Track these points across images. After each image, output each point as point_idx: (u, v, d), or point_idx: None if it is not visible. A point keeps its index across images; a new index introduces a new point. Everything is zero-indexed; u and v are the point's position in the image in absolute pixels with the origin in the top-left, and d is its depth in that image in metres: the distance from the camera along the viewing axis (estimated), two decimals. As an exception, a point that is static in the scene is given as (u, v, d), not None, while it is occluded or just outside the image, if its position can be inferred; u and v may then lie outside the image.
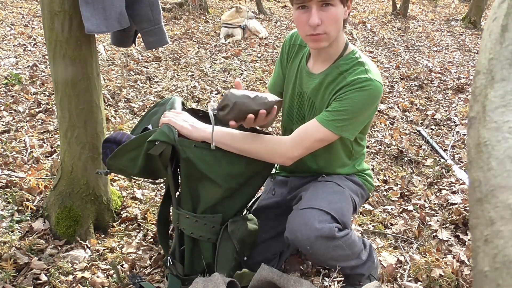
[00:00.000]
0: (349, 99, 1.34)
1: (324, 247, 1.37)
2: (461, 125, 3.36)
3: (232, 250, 1.49)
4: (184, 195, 1.45)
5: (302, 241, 1.37)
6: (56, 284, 1.53)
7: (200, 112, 1.64)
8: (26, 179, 2.06)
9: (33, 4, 6.66)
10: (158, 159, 1.38)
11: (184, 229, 1.49)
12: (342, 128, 1.37)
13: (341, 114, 1.35)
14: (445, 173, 2.60)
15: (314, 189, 1.50)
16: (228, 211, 1.49)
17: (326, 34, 1.33)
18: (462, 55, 5.73)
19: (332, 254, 1.42)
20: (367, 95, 1.34)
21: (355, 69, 1.38)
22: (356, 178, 1.61)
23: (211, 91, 3.83)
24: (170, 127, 1.37)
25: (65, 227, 1.74)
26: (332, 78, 1.42)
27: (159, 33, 1.66)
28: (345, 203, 1.48)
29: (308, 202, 1.42)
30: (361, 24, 7.20)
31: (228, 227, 1.48)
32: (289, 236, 1.42)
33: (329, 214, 1.38)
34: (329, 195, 1.46)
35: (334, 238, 1.36)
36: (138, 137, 1.40)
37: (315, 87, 1.47)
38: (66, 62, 1.57)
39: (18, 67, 3.88)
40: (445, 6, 9.73)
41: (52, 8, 1.50)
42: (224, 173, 1.41)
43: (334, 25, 1.33)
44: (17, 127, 2.74)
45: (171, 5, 7.21)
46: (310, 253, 1.40)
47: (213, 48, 5.28)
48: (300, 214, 1.40)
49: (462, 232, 2.04)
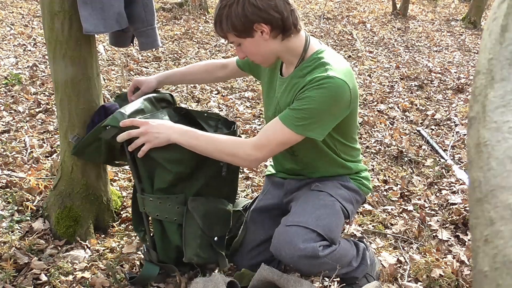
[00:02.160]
0: (308, 97, 1.31)
1: (308, 265, 1.39)
2: (461, 125, 3.36)
3: (196, 228, 1.51)
4: (144, 179, 1.50)
5: (285, 259, 1.40)
6: (56, 284, 1.53)
7: (183, 110, 1.71)
8: (26, 179, 2.06)
9: (33, 4, 6.65)
10: (117, 146, 1.47)
11: (149, 213, 1.52)
12: (304, 127, 1.32)
13: (300, 113, 1.32)
14: (445, 173, 2.60)
15: (304, 201, 1.50)
16: (188, 192, 1.52)
17: (257, 61, 1.45)
18: (462, 55, 5.73)
19: (318, 269, 1.43)
20: (326, 93, 1.29)
21: (317, 70, 1.36)
22: (351, 184, 1.59)
23: (211, 91, 3.83)
24: (122, 113, 1.44)
25: (65, 227, 1.74)
26: (295, 81, 1.42)
27: (151, 34, 1.66)
28: (335, 217, 1.47)
29: (295, 217, 1.43)
30: (361, 24, 7.20)
31: (188, 205, 1.51)
32: (274, 251, 1.44)
33: (315, 232, 1.38)
34: (318, 210, 1.45)
35: (318, 257, 1.36)
36: (95, 129, 1.52)
37: (283, 91, 1.48)
38: (66, 62, 1.57)
39: (18, 67, 3.88)
40: (445, 6, 9.73)
41: (52, 8, 1.50)
42: (172, 158, 1.45)
43: (254, 56, 1.42)
44: (17, 127, 2.74)
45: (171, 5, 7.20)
46: (295, 267, 1.44)
47: (213, 48, 5.28)
48: (285, 231, 1.41)
49: (462, 232, 2.04)
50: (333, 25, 6.95)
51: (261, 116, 3.31)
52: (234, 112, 3.39)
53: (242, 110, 3.45)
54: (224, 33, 1.37)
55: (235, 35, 1.36)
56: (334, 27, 6.76)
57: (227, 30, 1.35)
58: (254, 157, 1.37)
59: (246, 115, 3.33)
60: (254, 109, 3.49)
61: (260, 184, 2.34)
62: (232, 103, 3.56)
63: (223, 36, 1.40)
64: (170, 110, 1.68)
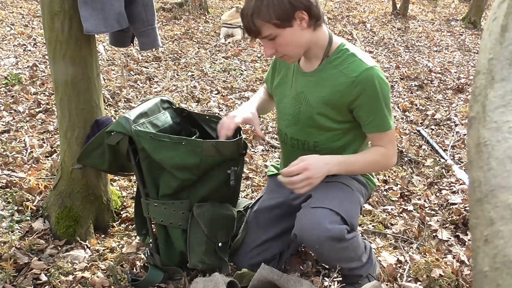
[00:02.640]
0: (375, 97, 1.39)
1: (332, 248, 1.37)
2: (461, 125, 3.36)
3: (201, 234, 1.51)
4: (149, 184, 1.50)
5: (311, 240, 1.37)
6: (56, 284, 1.53)
7: (184, 112, 1.71)
8: (26, 179, 2.06)
9: (33, 4, 6.65)
10: (123, 151, 1.45)
11: (154, 218, 1.52)
12: (389, 122, 1.44)
13: (381, 112, 1.41)
14: (445, 173, 2.60)
15: (325, 188, 1.48)
16: (193, 198, 1.52)
17: (286, 55, 1.39)
18: (462, 55, 5.73)
19: (338, 256, 1.42)
20: (379, 80, 1.38)
21: (349, 62, 1.40)
22: (361, 177, 1.61)
23: (211, 91, 3.83)
24: (127, 118, 1.42)
25: (65, 227, 1.74)
26: (327, 74, 1.43)
27: (151, 34, 1.66)
28: (354, 205, 1.48)
29: (319, 201, 1.42)
30: (361, 24, 7.20)
31: (194, 211, 1.50)
32: (298, 233, 1.40)
33: (339, 215, 1.37)
34: (339, 196, 1.45)
35: (343, 240, 1.36)
36: (99, 134, 1.50)
37: (311, 85, 1.47)
38: (66, 62, 1.57)
39: (18, 67, 3.88)
40: (445, 6, 9.73)
41: (52, 8, 1.50)
42: (178, 165, 1.43)
43: (288, 48, 1.37)
44: (17, 127, 2.74)
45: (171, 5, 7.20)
46: (318, 252, 1.40)
47: (213, 48, 5.28)
48: (311, 212, 1.39)
49: (462, 232, 2.04)
50: (333, 25, 6.95)
51: (261, 116, 3.31)
52: (234, 112, 3.39)
53: (242, 110, 3.45)
54: (260, 25, 1.30)
55: (275, 26, 1.30)
56: (334, 27, 6.76)
57: (268, 19, 1.29)
58: (394, 157, 1.50)
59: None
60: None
61: (260, 184, 2.34)
62: (232, 103, 3.56)
63: (255, 30, 1.32)
64: (172, 111, 1.68)
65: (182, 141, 1.42)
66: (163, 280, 1.56)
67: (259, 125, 1.61)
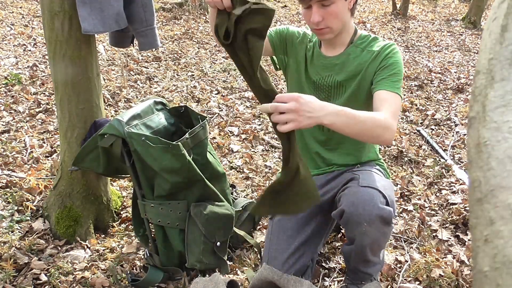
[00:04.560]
0: (394, 62, 1.45)
1: (378, 229, 1.34)
2: (461, 125, 3.36)
3: (199, 234, 1.51)
4: (144, 186, 1.51)
5: (362, 215, 1.32)
6: (56, 284, 1.53)
7: (181, 109, 1.72)
8: (26, 179, 2.06)
9: (33, 4, 6.65)
10: (117, 154, 1.46)
11: (151, 219, 1.53)
12: (400, 89, 1.46)
13: (396, 77, 1.45)
14: (445, 173, 2.60)
15: (366, 173, 1.49)
16: (189, 199, 1.54)
17: (329, 28, 1.41)
18: (462, 55, 5.73)
19: (377, 239, 1.38)
20: (399, 55, 1.48)
21: (375, 42, 1.51)
22: (379, 167, 1.63)
23: (211, 91, 3.83)
24: (120, 121, 1.44)
25: (65, 227, 1.74)
26: (355, 55, 1.51)
27: (150, 35, 1.66)
28: (392, 192, 1.48)
29: (368, 182, 1.41)
30: (361, 24, 7.20)
31: (191, 211, 1.51)
32: (349, 209, 1.33)
33: (386, 199, 1.36)
34: (382, 181, 1.45)
35: (389, 223, 1.35)
36: (93, 137, 1.52)
37: (339, 68, 1.52)
38: (66, 62, 1.57)
39: (18, 67, 3.88)
40: (445, 6, 9.73)
41: (52, 8, 1.50)
42: (167, 168, 1.45)
43: (335, 20, 1.40)
44: (17, 127, 2.74)
45: (171, 5, 7.20)
46: (362, 232, 1.34)
47: (213, 48, 5.28)
48: (363, 190, 1.37)
49: (462, 232, 2.04)
50: (333, 25, 6.95)
51: (261, 116, 3.31)
52: (234, 112, 3.39)
53: (242, 110, 3.45)
54: None
55: None
56: (334, 27, 6.76)
57: None
58: (395, 128, 1.33)
59: (246, 115, 3.33)
60: (254, 109, 3.49)
61: (260, 184, 2.33)
62: (232, 103, 3.56)
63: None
64: (166, 112, 1.69)
65: (169, 145, 1.44)
66: (163, 280, 1.57)
67: None
